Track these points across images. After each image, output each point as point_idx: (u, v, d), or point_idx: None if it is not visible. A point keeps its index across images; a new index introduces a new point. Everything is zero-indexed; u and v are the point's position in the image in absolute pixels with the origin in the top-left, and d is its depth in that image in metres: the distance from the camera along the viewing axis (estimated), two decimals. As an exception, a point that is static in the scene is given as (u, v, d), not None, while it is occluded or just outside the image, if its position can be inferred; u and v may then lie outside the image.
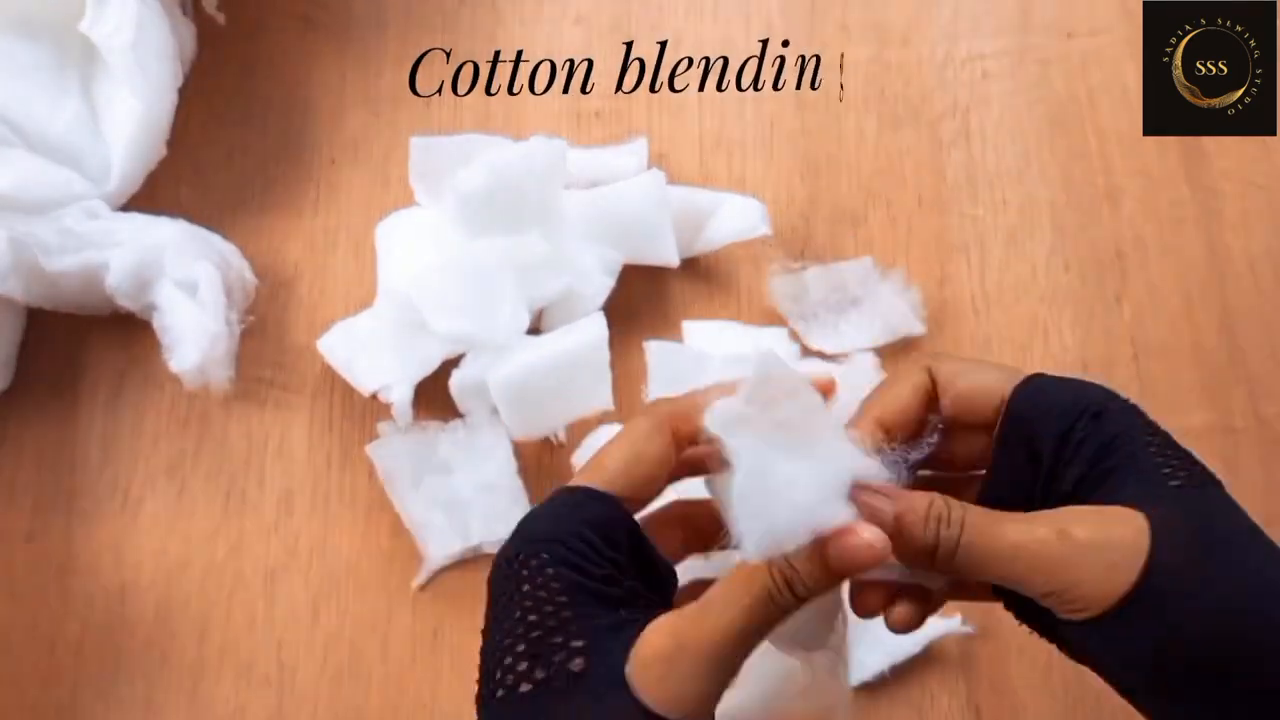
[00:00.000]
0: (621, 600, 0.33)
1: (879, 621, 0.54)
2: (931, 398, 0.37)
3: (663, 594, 0.35)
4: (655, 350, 0.54)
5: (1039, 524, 0.32)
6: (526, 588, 0.32)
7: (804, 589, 0.32)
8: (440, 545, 0.55)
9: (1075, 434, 0.34)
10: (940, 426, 0.37)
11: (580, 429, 0.57)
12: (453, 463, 0.56)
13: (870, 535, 0.31)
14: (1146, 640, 0.31)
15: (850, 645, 0.54)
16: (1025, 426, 0.35)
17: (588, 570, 0.32)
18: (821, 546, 0.31)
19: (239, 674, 0.54)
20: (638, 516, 0.36)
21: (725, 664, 0.32)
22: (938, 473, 0.39)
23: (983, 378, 0.37)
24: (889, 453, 0.35)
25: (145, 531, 0.56)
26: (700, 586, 0.36)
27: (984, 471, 0.37)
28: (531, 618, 0.32)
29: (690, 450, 0.37)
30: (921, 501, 0.33)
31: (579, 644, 0.31)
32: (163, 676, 0.54)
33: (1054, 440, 0.34)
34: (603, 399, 0.55)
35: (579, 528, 0.33)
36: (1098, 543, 0.31)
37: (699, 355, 0.56)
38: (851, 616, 0.38)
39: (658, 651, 0.31)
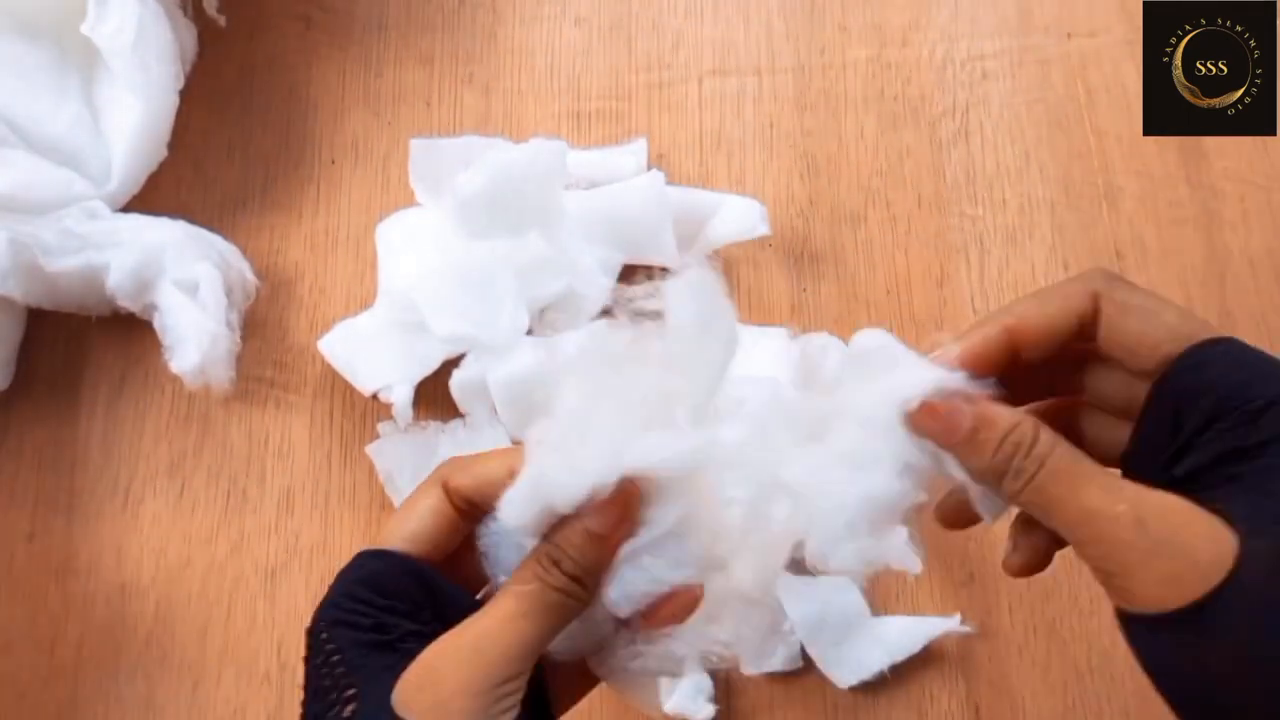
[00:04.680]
0: (395, 644, 0.32)
1: (879, 621, 0.54)
2: (1088, 327, 0.32)
3: None
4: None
5: (1123, 497, 0.29)
6: (309, 656, 0.33)
7: (572, 563, 0.31)
8: (440, 545, 0.55)
9: (1220, 424, 0.29)
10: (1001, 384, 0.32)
11: (580, 429, 0.57)
12: (453, 463, 0.56)
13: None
14: (1181, 664, 0.28)
15: (849, 645, 0.54)
16: (1179, 394, 0.31)
17: (357, 624, 0.32)
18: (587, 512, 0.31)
19: (239, 673, 0.54)
20: None
21: (493, 667, 0.30)
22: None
23: (1157, 325, 0.31)
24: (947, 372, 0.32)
25: (145, 531, 0.56)
26: None
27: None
28: (313, 684, 0.33)
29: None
30: (1005, 419, 0.30)
31: (350, 692, 0.31)
32: (163, 676, 0.54)
33: (1198, 421, 0.30)
34: None
35: (349, 587, 0.34)
36: (1171, 547, 0.28)
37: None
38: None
39: (419, 669, 0.31)
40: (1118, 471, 0.32)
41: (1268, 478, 0.29)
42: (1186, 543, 0.28)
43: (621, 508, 0.31)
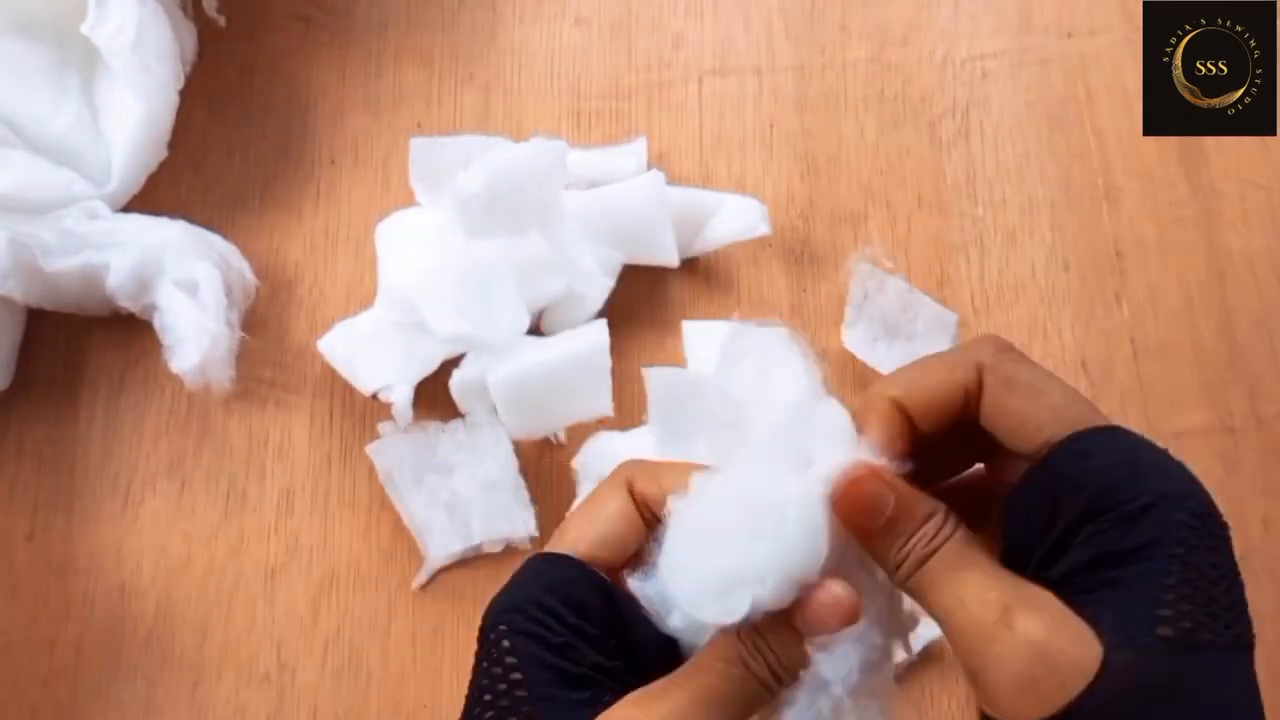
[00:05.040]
0: (582, 678, 0.30)
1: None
2: (972, 400, 0.31)
3: (646, 663, 0.32)
4: (655, 377, 0.53)
5: (999, 590, 0.28)
6: (485, 665, 0.31)
7: (776, 660, 0.30)
8: (440, 545, 0.55)
9: (1095, 525, 0.28)
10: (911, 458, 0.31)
11: (581, 430, 0.57)
12: (453, 462, 0.56)
13: (840, 591, 0.29)
14: None
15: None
16: (1057, 483, 0.29)
17: (546, 640, 0.30)
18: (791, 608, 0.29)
19: (239, 674, 0.54)
20: None
21: None
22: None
23: (1041, 406, 0.30)
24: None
25: (145, 531, 0.56)
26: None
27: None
28: (486, 697, 0.31)
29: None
30: (923, 509, 0.30)
31: None
32: (163, 676, 0.54)
33: (1074, 516, 0.29)
34: (603, 405, 0.55)
35: (538, 594, 0.31)
36: (1033, 649, 0.27)
37: (698, 378, 0.55)
38: None
39: None
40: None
41: (1139, 586, 0.27)
42: (1050, 646, 0.27)
43: (843, 614, 0.29)
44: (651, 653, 0.32)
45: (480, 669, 0.31)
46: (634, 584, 0.33)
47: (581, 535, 0.33)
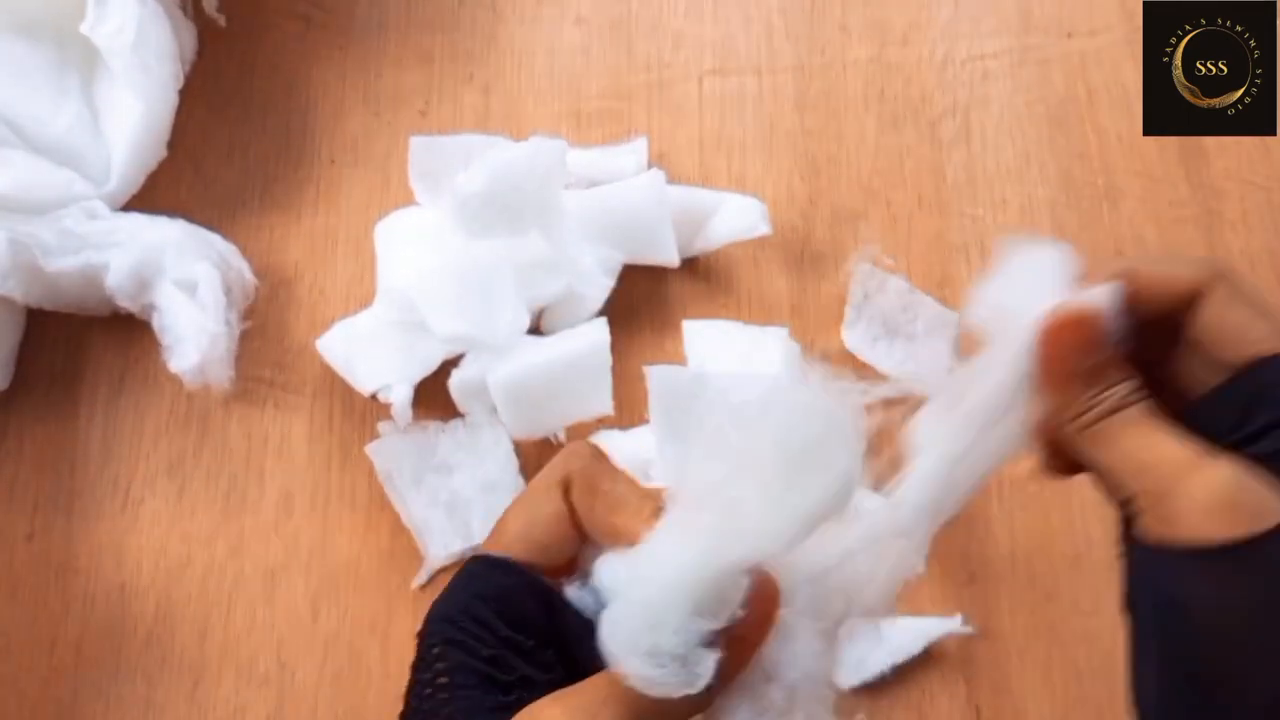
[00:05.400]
0: (510, 685, 0.31)
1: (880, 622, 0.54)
2: (1196, 299, 0.32)
3: (588, 667, 0.31)
4: (656, 375, 0.53)
5: (1194, 441, 0.29)
6: (418, 672, 0.32)
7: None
8: (440, 545, 0.55)
9: None
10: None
11: (581, 430, 0.57)
12: (453, 462, 0.56)
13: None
14: (1205, 597, 0.28)
15: (850, 646, 0.54)
16: (1263, 386, 0.30)
17: (474, 649, 0.31)
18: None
19: (239, 674, 0.54)
20: None
21: None
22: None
23: (1261, 324, 0.31)
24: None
25: (145, 531, 0.56)
26: None
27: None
28: (413, 703, 0.31)
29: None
30: (1123, 369, 0.30)
31: None
32: (163, 676, 0.54)
33: (1271, 419, 0.30)
34: (603, 404, 0.55)
35: (470, 602, 0.32)
36: (1238, 478, 0.28)
37: (699, 377, 0.55)
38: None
39: None
40: None
41: None
42: (1249, 481, 0.28)
43: (765, 614, 0.30)
44: (595, 657, 0.32)
45: (414, 675, 0.32)
46: (571, 593, 0.33)
47: (518, 538, 0.33)
